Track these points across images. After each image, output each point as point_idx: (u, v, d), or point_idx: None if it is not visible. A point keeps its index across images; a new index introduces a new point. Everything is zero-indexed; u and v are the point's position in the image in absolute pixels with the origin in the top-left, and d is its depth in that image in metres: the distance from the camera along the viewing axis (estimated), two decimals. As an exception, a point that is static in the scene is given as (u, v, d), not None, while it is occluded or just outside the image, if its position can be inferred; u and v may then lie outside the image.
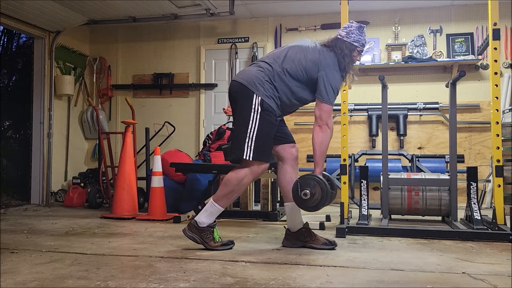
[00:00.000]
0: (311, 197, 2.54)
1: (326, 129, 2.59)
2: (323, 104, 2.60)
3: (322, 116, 2.59)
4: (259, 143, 2.57)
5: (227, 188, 2.64)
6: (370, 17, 5.61)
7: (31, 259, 2.45)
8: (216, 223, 2.70)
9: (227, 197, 2.65)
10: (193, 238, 2.65)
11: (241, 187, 2.65)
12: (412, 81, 5.51)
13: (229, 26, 6.00)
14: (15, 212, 4.69)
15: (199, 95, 6.05)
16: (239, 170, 2.64)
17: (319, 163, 2.62)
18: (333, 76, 2.62)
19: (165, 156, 4.67)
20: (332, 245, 2.73)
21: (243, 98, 2.61)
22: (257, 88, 2.58)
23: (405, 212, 3.84)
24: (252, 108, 2.57)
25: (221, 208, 2.67)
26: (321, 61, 2.62)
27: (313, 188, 2.54)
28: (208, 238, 2.65)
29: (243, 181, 2.63)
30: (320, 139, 2.59)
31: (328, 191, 2.55)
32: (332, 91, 2.60)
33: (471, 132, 5.36)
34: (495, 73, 3.19)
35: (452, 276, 2.13)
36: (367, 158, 5.40)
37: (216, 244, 2.66)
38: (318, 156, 2.61)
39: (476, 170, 3.62)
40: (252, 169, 2.61)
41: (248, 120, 2.57)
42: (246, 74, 2.65)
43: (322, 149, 2.61)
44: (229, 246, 2.71)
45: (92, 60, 6.28)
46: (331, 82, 2.60)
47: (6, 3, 4.65)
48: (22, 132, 6.97)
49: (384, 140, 3.85)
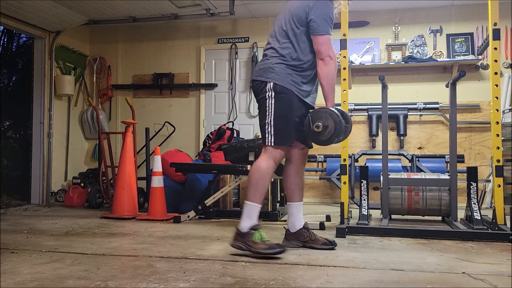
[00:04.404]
0: (324, 129, 2.46)
1: (328, 60, 2.51)
2: (318, 37, 2.51)
3: (321, 49, 2.51)
4: (278, 127, 2.51)
5: (252, 181, 2.52)
6: (370, 17, 5.61)
7: (31, 259, 2.45)
8: (259, 225, 2.52)
9: (256, 190, 2.51)
10: (238, 246, 2.49)
11: (263, 173, 2.51)
12: (412, 81, 5.51)
13: (229, 26, 6.00)
14: (15, 212, 4.69)
15: (199, 95, 6.05)
16: (259, 158, 2.58)
17: (328, 96, 2.53)
18: (321, 6, 2.53)
19: (165, 156, 4.67)
20: (332, 245, 2.72)
21: (260, 92, 2.59)
22: (268, 76, 2.55)
23: (405, 212, 3.84)
24: (267, 96, 2.54)
25: (256, 205, 2.51)
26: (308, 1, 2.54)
27: (325, 120, 2.46)
28: (250, 241, 2.45)
29: (262, 168, 2.52)
30: (325, 72, 2.51)
31: (342, 123, 2.46)
32: (323, 21, 2.51)
33: (471, 132, 5.36)
34: (495, 73, 3.19)
35: (452, 276, 2.12)
36: (367, 158, 5.40)
37: (258, 245, 2.43)
38: (326, 89, 2.53)
39: (476, 170, 3.62)
40: (270, 154, 2.54)
41: (265, 109, 2.54)
42: (257, 69, 2.65)
43: (329, 82, 2.52)
44: (277, 249, 2.42)
45: (92, 60, 6.28)
46: (320, 12, 2.50)
47: (6, 3, 4.65)
48: (22, 132, 6.98)
49: (384, 140, 3.85)
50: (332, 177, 5.26)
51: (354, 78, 5.63)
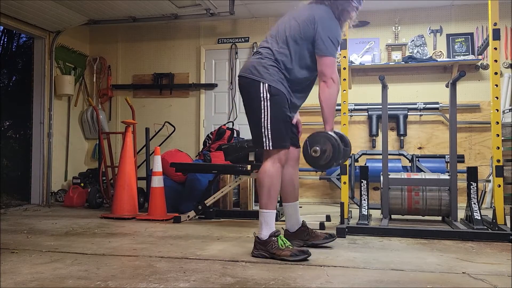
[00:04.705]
0: (322, 154, 2.42)
1: (331, 83, 2.46)
2: (323, 58, 2.46)
3: (325, 71, 2.46)
4: (275, 130, 2.47)
5: (262, 188, 2.49)
6: (370, 17, 5.61)
7: (31, 259, 2.45)
8: (279, 232, 2.49)
9: (269, 197, 2.48)
10: (260, 255, 2.46)
11: (273, 179, 2.48)
12: (412, 81, 5.51)
13: (229, 26, 6.00)
14: (15, 212, 4.69)
15: (199, 95, 6.05)
16: (264, 164, 2.53)
17: (328, 120, 2.48)
18: (330, 27, 2.48)
19: (165, 156, 4.67)
20: (332, 237, 2.74)
21: (251, 90, 2.52)
22: (262, 76, 2.48)
23: (405, 212, 3.84)
24: (261, 97, 2.47)
25: (272, 211, 2.49)
26: (314, 16, 2.48)
27: (323, 145, 2.43)
28: (274, 249, 2.42)
29: (271, 172, 2.48)
30: (327, 95, 2.46)
31: (340, 147, 2.42)
32: (330, 42, 2.46)
33: (471, 132, 5.36)
34: (495, 73, 3.19)
35: (452, 276, 2.12)
36: (367, 158, 5.40)
37: (283, 251, 2.40)
38: (326, 113, 2.47)
39: (476, 170, 3.62)
40: (274, 158, 2.50)
41: (260, 111, 2.47)
42: (249, 66, 2.57)
43: (330, 104, 2.47)
44: (301, 256, 2.39)
45: (92, 60, 6.28)
46: (328, 33, 2.45)
47: (6, 3, 4.65)
48: (22, 132, 6.97)
49: (384, 140, 3.85)
50: (332, 177, 5.26)
51: (354, 78, 5.63)
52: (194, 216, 4.03)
